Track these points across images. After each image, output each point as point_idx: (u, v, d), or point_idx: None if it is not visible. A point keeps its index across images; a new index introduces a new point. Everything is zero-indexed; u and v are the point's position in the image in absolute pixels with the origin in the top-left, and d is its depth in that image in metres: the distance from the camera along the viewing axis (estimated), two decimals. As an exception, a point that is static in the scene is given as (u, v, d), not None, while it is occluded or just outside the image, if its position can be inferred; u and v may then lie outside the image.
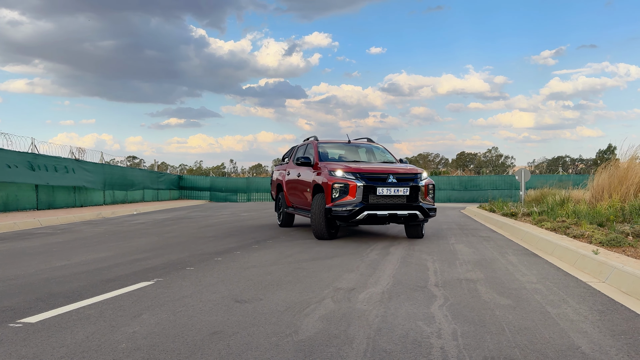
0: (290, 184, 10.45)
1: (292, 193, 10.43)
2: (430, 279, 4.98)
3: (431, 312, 3.69)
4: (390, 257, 6.46)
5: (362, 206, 7.91)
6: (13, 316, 3.55)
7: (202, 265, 5.82)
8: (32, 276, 5.13)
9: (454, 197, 36.95)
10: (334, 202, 8.04)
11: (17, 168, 15.71)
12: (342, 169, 8.28)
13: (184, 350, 2.83)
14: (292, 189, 10.38)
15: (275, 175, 12.00)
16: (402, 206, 8.11)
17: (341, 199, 8.02)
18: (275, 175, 11.91)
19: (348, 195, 8.00)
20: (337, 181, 8.10)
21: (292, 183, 10.36)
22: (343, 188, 8.04)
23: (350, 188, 8.00)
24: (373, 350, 2.83)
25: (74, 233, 10.02)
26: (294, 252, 6.96)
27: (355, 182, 8.01)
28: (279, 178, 11.40)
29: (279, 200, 11.46)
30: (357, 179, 8.06)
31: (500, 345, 2.94)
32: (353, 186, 7.99)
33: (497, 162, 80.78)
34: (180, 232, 9.95)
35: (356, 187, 7.98)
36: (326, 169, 8.51)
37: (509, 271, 5.50)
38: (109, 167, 22.67)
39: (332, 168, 8.42)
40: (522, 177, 18.65)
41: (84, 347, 2.87)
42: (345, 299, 4.10)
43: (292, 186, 10.32)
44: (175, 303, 3.93)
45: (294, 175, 10.19)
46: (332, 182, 8.11)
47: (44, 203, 17.28)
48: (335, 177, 8.18)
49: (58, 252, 6.99)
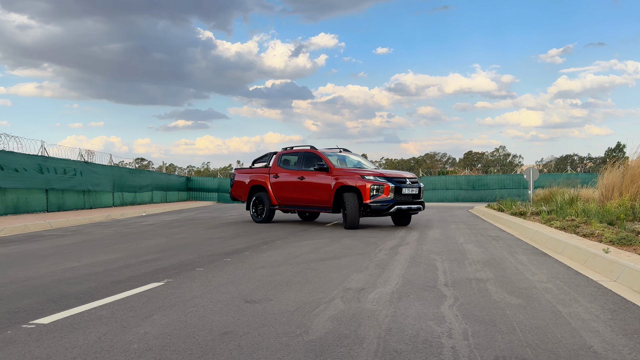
0: (287, 186, 12.11)
1: (288, 193, 12.09)
2: (440, 279, 4.97)
3: (441, 311, 3.68)
4: (399, 257, 6.45)
5: (393, 202, 10.49)
6: (26, 317, 3.58)
7: (211, 266, 5.84)
8: (43, 278, 5.17)
9: (462, 197, 36.83)
10: (372, 199, 10.41)
11: (25, 171, 15.83)
12: (372, 174, 10.76)
13: (196, 350, 2.85)
14: (289, 189, 12.07)
15: (242, 178, 13.47)
16: (413, 201, 10.88)
17: (378, 196, 10.44)
18: (243, 178, 13.41)
19: (383, 194, 10.45)
20: (375, 183, 10.46)
21: (290, 185, 12.04)
22: (379, 188, 10.45)
23: (385, 188, 10.47)
24: (384, 350, 2.83)
25: (84, 235, 10.09)
26: (302, 252, 6.97)
27: (388, 184, 10.51)
28: (259, 180, 12.88)
29: (256, 200, 12.92)
30: (388, 182, 10.56)
31: (511, 345, 2.93)
32: (387, 187, 10.48)
33: (504, 161, 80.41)
34: (189, 233, 9.99)
35: (389, 188, 10.50)
36: (357, 174, 10.78)
37: (519, 270, 5.48)
38: (118, 169, 22.79)
39: (362, 173, 10.79)
40: (531, 176, 18.56)
41: (96, 347, 2.90)
42: (354, 299, 4.10)
43: (291, 187, 12.01)
44: (186, 304, 3.95)
45: (292, 178, 12.00)
46: (370, 184, 10.43)
47: (53, 205, 17.41)
48: (370, 180, 10.52)
49: (68, 254, 7.04)
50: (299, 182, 11.78)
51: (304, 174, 11.71)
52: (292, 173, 12.04)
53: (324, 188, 11.18)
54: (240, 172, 13.74)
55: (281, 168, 12.43)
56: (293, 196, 11.98)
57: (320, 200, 11.31)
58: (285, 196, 12.18)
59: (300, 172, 11.83)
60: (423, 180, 39.21)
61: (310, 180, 11.53)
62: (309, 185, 11.53)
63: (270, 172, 12.67)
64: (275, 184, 12.42)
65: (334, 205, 11.00)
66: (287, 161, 12.50)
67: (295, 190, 11.90)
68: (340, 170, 11.16)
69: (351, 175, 10.83)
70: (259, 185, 12.92)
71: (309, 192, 11.56)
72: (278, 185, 12.36)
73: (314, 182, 11.43)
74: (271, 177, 12.57)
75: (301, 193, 11.76)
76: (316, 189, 11.38)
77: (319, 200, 11.35)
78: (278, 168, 12.52)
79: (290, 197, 12.04)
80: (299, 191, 11.82)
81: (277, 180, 12.41)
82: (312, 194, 11.49)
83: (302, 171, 11.83)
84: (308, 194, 11.60)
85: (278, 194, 12.38)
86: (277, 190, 12.38)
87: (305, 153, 12.09)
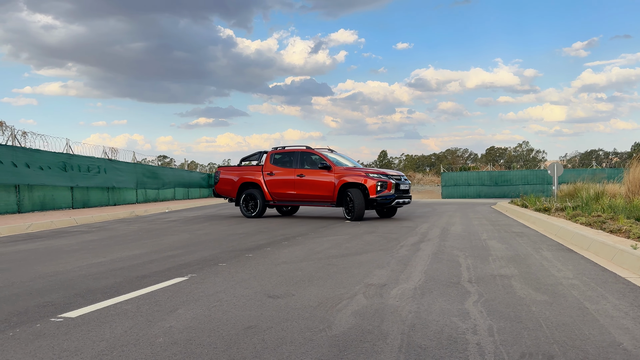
0: (284, 183, 13.01)
1: (285, 189, 13.00)
2: (463, 275, 4.92)
3: (465, 308, 3.64)
4: (421, 254, 6.41)
5: (395, 196, 11.96)
6: (54, 311, 3.65)
7: (233, 261, 5.88)
8: (70, 273, 5.28)
9: (484, 193, 36.41)
10: (378, 194, 11.78)
11: (51, 169, 16.15)
12: (375, 172, 12.08)
13: (220, 344, 2.87)
14: (286, 186, 12.97)
15: (229, 175, 14.05)
16: (405, 196, 12.47)
17: (382, 192, 11.83)
18: (231, 175, 14.01)
19: (387, 190, 11.87)
20: (379, 180, 11.83)
21: (288, 182, 12.96)
22: (383, 184, 11.85)
23: (388, 184, 11.90)
24: (408, 346, 2.82)
25: (108, 231, 10.26)
26: (323, 248, 6.98)
27: (391, 181, 11.93)
28: (250, 177, 13.58)
29: (247, 196, 13.59)
30: (389, 179, 11.96)
31: (538, 342, 2.89)
32: (390, 183, 11.93)
33: (528, 157, 79.27)
34: (211, 229, 10.08)
35: (392, 184, 11.96)
36: (361, 172, 12.11)
37: (544, 267, 5.39)
38: (141, 167, 23.11)
39: (366, 171, 12.11)
40: (555, 172, 18.25)
41: (122, 341, 2.94)
42: (377, 294, 4.08)
43: (289, 184, 12.93)
44: (210, 298, 3.98)
45: (290, 176, 12.94)
46: (375, 181, 11.79)
47: (78, 202, 17.74)
48: (376, 178, 11.86)
49: (94, 250, 7.17)
50: (299, 180, 12.78)
51: (304, 172, 12.75)
52: (289, 171, 12.99)
53: (327, 184, 12.35)
54: (226, 170, 14.37)
55: (276, 166, 13.25)
56: (291, 192, 12.95)
57: (323, 195, 12.44)
58: (282, 192, 13.08)
59: (299, 170, 12.83)
60: (444, 176, 38.86)
61: (311, 177, 12.62)
62: (311, 182, 12.60)
63: (263, 170, 13.41)
64: (271, 181, 13.22)
65: (337, 200, 12.26)
66: (282, 160, 13.29)
67: (294, 187, 12.87)
68: (341, 168, 12.46)
69: (355, 173, 12.14)
70: (250, 183, 13.63)
71: (310, 189, 12.61)
72: (274, 182, 13.17)
73: (316, 180, 12.53)
74: (265, 175, 13.34)
75: (301, 189, 12.77)
76: (318, 185, 12.49)
77: (322, 196, 12.47)
78: (272, 166, 13.30)
79: (288, 193, 12.99)
80: (298, 188, 12.82)
81: (272, 177, 13.21)
82: (314, 190, 12.56)
83: (300, 169, 12.84)
84: (309, 190, 12.64)
85: (273, 190, 13.20)
86: (273, 187, 13.19)
87: (302, 152, 13.05)
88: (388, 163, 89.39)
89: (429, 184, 60.57)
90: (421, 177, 67.16)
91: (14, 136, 15.34)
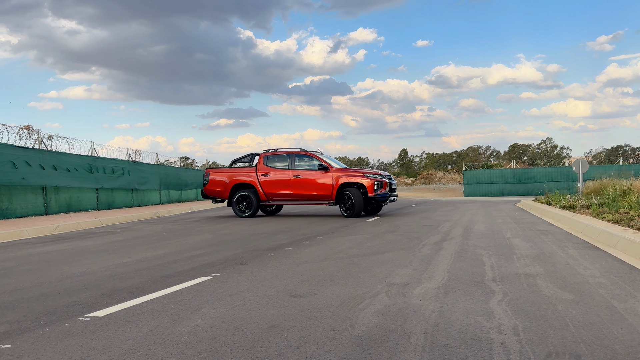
0: (280, 183, 13.58)
1: (281, 189, 13.56)
2: (487, 274, 4.87)
3: (490, 307, 3.61)
4: (444, 252, 6.36)
5: (389, 194, 13.11)
6: (82, 310, 3.73)
7: (256, 261, 5.92)
8: (96, 273, 5.38)
9: (507, 190, 35.94)
10: (375, 192, 12.79)
11: (77, 171, 16.47)
12: (371, 172, 13.18)
13: (244, 343, 2.90)
14: (282, 186, 13.55)
15: (220, 177, 14.33)
16: (394, 194, 13.69)
17: (379, 190, 12.88)
18: (221, 177, 14.30)
19: (383, 188, 12.96)
20: (376, 180, 12.84)
21: (284, 182, 13.54)
22: (380, 184, 12.92)
23: (384, 184, 13.01)
24: (432, 345, 2.80)
25: (133, 231, 10.42)
26: (344, 247, 6.98)
27: (385, 180, 13.07)
28: (243, 178, 13.98)
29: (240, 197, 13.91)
30: (384, 178, 13.07)
31: (564, 341, 2.84)
32: (385, 182, 13.06)
33: (551, 154, 78.03)
34: (234, 229, 10.16)
35: (386, 183, 13.10)
36: (359, 173, 13.12)
37: (570, 265, 5.31)
38: (164, 168, 23.41)
39: (364, 172, 13.16)
40: (580, 168, 17.93)
41: (149, 339, 2.99)
42: (399, 294, 4.07)
43: (286, 184, 13.52)
44: (233, 297, 4.02)
45: (286, 176, 13.54)
46: (373, 181, 12.79)
47: (103, 203, 18.06)
48: (372, 178, 12.85)
49: (119, 250, 7.29)
50: (295, 180, 13.44)
51: (300, 173, 13.43)
52: (285, 172, 13.61)
53: (326, 184, 13.13)
54: (216, 172, 14.67)
55: (270, 168, 13.80)
56: (288, 192, 13.58)
57: (321, 194, 13.22)
58: (278, 192, 13.68)
59: (296, 171, 13.49)
60: (466, 174, 38.47)
61: (308, 177, 13.31)
62: (309, 182, 13.30)
63: (258, 171, 13.88)
64: (266, 182, 13.74)
65: (336, 198, 13.09)
66: (275, 161, 13.88)
67: (290, 186, 13.51)
68: (338, 169, 13.38)
69: (353, 174, 13.15)
70: (243, 183, 14.04)
71: (309, 188, 13.32)
72: (269, 183, 13.71)
73: (313, 180, 13.26)
74: (260, 176, 13.84)
75: (299, 189, 13.44)
76: (317, 185, 13.24)
77: (320, 195, 13.25)
78: (266, 167, 13.84)
79: (284, 193, 13.62)
80: (295, 187, 13.47)
81: (267, 178, 13.74)
82: (313, 190, 13.29)
83: (297, 170, 13.50)
84: (307, 189, 13.34)
85: (269, 190, 13.75)
86: (268, 187, 13.73)
87: (297, 155, 13.73)
88: (409, 162, 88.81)
89: (450, 182, 60.03)
90: (442, 175, 66.59)
91: (40, 139, 15.68)
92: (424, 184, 62.58)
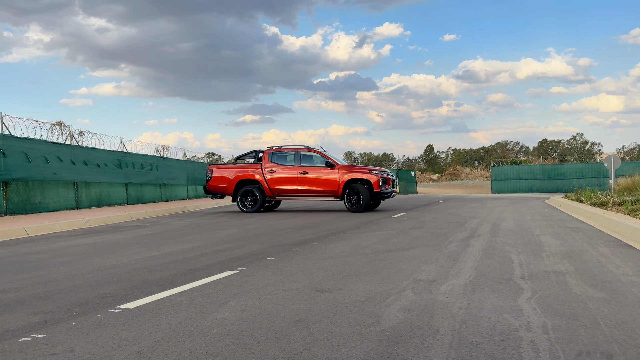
0: (286, 179, 13.89)
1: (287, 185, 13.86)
2: (516, 272, 4.80)
3: (518, 304, 3.56)
4: (471, 249, 6.29)
5: (393, 190, 14.11)
6: (112, 302, 3.82)
7: (281, 255, 5.96)
8: (126, 266, 5.49)
9: (537, 187, 35.32)
10: (381, 188, 13.31)
11: (107, 166, 16.81)
12: (376, 169, 13.79)
13: (271, 336, 2.92)
14: (289, 182, 13.86)
15: (224, 173, 14.46)
16: (394, 190, 14.41)
17: (384, 186, 13.46)
18: (226, 173, 14.45)
19: (387, 185, 13.60)
20: (381, 177, 13.37)
21: (291, 179, 13.86)
22: (384, 180, 13.51)
23: (388, 180, 13.67)
24: (459, 342, 2.78)
25: (161, 226, 10.60)
26: (369, 243, 6.96)
27: (390, 177, 13.80)
28: (248, 174, 14.19)
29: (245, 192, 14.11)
30: (388, 175, 13.75)
31: (595, 340, 2.79)
32: (389, 179, 13.77)
33: (582, 150, 76.34)
34: (259, 224, 10.24)
35: (390, 179, 13.86)
36: (364, 170, 13.70)
37: (601, 263, 5.19)
38: (192, 164, 23.73)
39: (369, 169, 13.74)
40: (612, 164, 17.50)
41: (178, 331, 3.04)
42: (426, 290, 4.04)
43: (292, 181, 13.85)
44: (259, 291, 4.06)
45: (292, 173, 13.88)
46: (379, 177, 13.32)
47: (132, 198, 18.40)
48: (378, 175, 13.38)
49: (148, 244, 7.43)
50: (302, 176, 13.81)
51: (307, 169, 13.80)
52: (291, 168, 13.92)
53: (332, 180, 13.57)
54: (220, 168, 14.86)
55: (276, 164, 14.11)
56: (294, 188, 13.92)
57: (328, 190, 13.66)
58: (284, 188, 13.99)
59: (302, 168, 13.84)
60: (494, 170, 37.92)
61: (315, 174, 13.72)
62: (315, 179, 13.72)
63: (263, 168, 14.14)
64: (272, 178, 14.05)
65: (342, 194, 13.51)
66: (282, 158, 14.21)
67: (296, 182, 13.86)
68: (343, 166, 13.82)
69: (359, 170, 13.72)
70: (248, 180, 14.28)
71: (315, 184, 13.73)
72: (275, 179, 14.02)
73: (320, 176, 13.68)
74: (266, 172, 14.10)
75: (305, 185, 13.81)
76: (323, 181, 13.65)
77: (327, 191, 13.69)
78: (272, 164, 14.14)
79: (290, 188, 13.95)
80: (302, 183, 13.82)
81: (273, 175, 14.04)
82: (319, 186, 13.72)
83: (303, 167, 13.85)
84: (314, 185, 13.74)
85: (274, 186, 14.05)
86: (274, 183, 14.04)
87: (302, 152, 14.05)
88: (434, 158, 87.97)
89: (477, 179, 59.29)
90: (469, 171, 65.80)
91: (72, 135, 16.06)
92: (450, 180, 61.95)
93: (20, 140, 13.33)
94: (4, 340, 2.93)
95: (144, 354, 2.68)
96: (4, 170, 12.51)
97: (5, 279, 4.87)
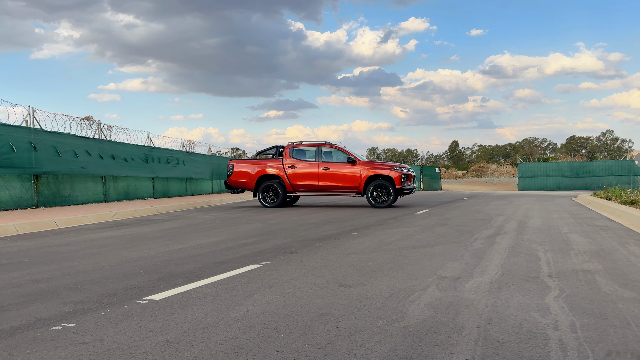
0: (308, 175, 14.02)
1: (308, 180, 13.99)
2: (543, 270, 4.72)
3: (546, 303, 3.50)
4: (497, 247, 6.22)
5: (414, 186, 13.98)
6: (140, 294, 3.89)
7: (305, 250, 5.98)
8: (153, 258, 5.58)
9: (564, 185, 34.67)
10: (402, 184, 13.45)
11: (134, 161, 17.09)
12: (397, 165, 13.81)
13: (295, 329, 2.94)
14: (310, 178, 13.99)
15: (245, 168, 14.58)
16: (414, 186, 14.15)
17: (405, 182, 13.57)
18: (247, 168, 14.56)
19: (408, 181, 13.71)
20: (403, 173, 13.52)
21: (312, 174, 13.99)
22: (406, 176, 13.64)
23: (409, 176, 13.77)
24: (485, 340, 2.75)
25: (187, 219, 10.74)
26: (393, 239, 6.93)
27: (411, 173, 13.85)
28: (270, 170, 14.30)
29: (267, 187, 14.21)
30: (409, 171, 13.82)
31: (625, 340, 2.73)
32: (411, 175, 13.86)
33: (612, 147, 74.56)
34: (283, 219, 10.29)
35: (411, 176, 13.89)
36: (386, 166, 13.77)
37: (632, 262, 5.07)
38: (216, 159, 23.96)
39: (390, 165, 13.81)
40: (644, 162, 17.03)
41: (203, 323, 3.08)
42: (451, 287, 4.01)
43: (313, 176, 13.98)
44: (284, 285, 4.08)
45: (314, 168, 13.99)
46: (401, 174, 13.46)
47: (159, 192, 18.68)
48: (399, 171, 13.51)
49: (174, 237, 7.53)
50: (323, 172, 13.91)
51: (328, 165, 13.90)
52: (312, 164, 14.03)
53: (354, 176, 13.67)
54: (241, 163, 14.96)
55: (297, 160, 14.20)
56: (315, 183, 14.02)
57: (350, 186, 13.76)
58: (305, 184, 14.09)
59: (323, 164, 13.95)
60: (521, 167, 37.33)
61: (336, 170, 13.82)
62: (336, 174, 13.82)
63: (284, 163, 14.23)
64: (293, 174, 14.12)
65: (364, 190, 13.61)
66: (302, 154, 14.32)
67: (318, 178, 13.96)
68: (364, 162, 13.91)
69: (381, 167, 13.82)
70: (269, 175, 14.36)
71: (337, 180, 13.84)
72: (297, 174, 14.10)
73: (341, 172, 13.78)
74: (287, 168, 14.17)
75: (326, 180, 13.92)
76: (345, 177, 13.77)
77: (348, 187, 13.78)
78: (293, 160, 14.24)
79: (312, 184, 14.05)
80: (323, 179, 13.93)
81: (294, 170, 14.12)
82: (341, 181, 13.82)
83: (324, 162, 13.95)
84: (335, 181, 13.85)
85: (296, 182, 14.13)
86: (295, 179, 14.11)
87: (324, 147, 14.16)
88: (459, 154, 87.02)
89: (503, 175, 58.44)
90: (495, 168, 64.92)
91: (100, 130, 16.36)
92: (475, 177, 61.20)
93: (50, 134, 13.63)
94: (36, 329, 3.02)
95: (170, 344, 2.72)
96: (35, 163, 12.82)
97: (37, 269, 5.00)
